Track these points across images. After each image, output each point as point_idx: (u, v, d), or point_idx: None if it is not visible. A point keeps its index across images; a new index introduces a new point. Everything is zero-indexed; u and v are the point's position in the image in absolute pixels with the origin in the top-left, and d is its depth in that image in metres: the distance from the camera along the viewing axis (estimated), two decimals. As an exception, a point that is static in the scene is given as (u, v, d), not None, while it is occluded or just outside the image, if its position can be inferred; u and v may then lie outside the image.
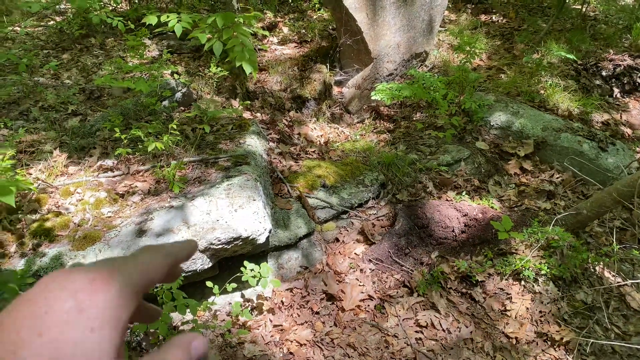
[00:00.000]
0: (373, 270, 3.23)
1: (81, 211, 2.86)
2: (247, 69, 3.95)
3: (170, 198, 2.92)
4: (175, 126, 3.40)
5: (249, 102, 4.73)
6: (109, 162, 3.31)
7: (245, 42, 4.04)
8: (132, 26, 4.54)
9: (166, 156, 3.37)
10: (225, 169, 3.24)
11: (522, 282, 3.11)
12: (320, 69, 5.48)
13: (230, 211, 2.73)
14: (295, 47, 6.20)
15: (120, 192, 3.03)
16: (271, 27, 6.63)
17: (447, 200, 3.75)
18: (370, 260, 3.28)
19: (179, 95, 4.35)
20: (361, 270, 3.22)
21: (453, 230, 3.43)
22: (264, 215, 2.82)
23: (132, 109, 3.97)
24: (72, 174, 3.24)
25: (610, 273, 3.22)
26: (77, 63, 5.21)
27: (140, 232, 2.60)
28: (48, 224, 2.66)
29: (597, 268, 3.21)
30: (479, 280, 3.12)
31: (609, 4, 7.18)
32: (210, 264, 2.71)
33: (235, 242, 2.67)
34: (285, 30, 6.59)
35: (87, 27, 5.74)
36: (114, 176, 3.23)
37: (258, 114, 4.88)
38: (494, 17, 7.31)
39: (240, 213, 2.73)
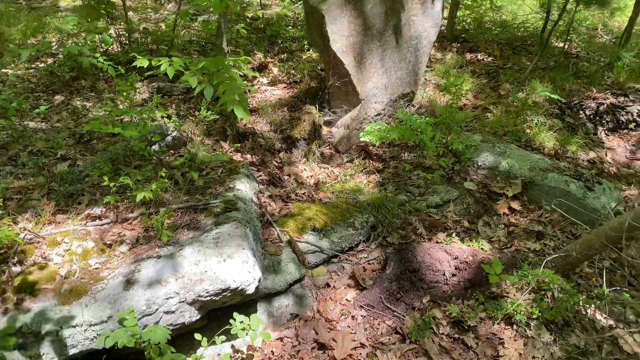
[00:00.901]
0: (364, 316, 3.20)
1: (68, 262, 2.82)
2: (239, 113, 3.99)
3: (159, 247, 2.90)
4: (164, 174, 3.40)
5: (239, 144, 4.76)
6: (97, 210, 3.29)
7: (236, 86, 4.10)
8: (123, 70, 4.60)
9: (155, 203, 3.36)
10: (214, 215, 3.23)
11: (514, 327, 3.09)
12: (309, 109, 5.55)
13: (219, 261, 2.71)
14: (285, 87, 6.29)
15: (108, 242, 3.00)
16: (261, 68, 6.73)
17: (437, 242, 3.76)
18: (361, 307, 3.25)
19: (169, 138, 4.37)
20: (353, 317, 3.19)
21: (444, 274, 3.42)
22: (254, 264, 2.80)
23: (122, 154, 3.97)
24: (59, 223, 3.21)
25: (602, 315, 3.21)
26: (68, 106, 5.24)
27: (128, 285, 2.57)
28: (33, 277, 2.62)
29: (588, 311, 3.20)
30: (471, 325, 3.10)
31: (589, 42, 7.39)
32: (199, 316, 2.68)
33: (224, 294, 2.64)
34: (275, 70, 6.69)
35: (78, 69, 5.80)
36: (102, 224, 3.20)
37: (248, 155, 4.90)
38: (479, 56, 7.48)
39: (229, 263, 2.71)
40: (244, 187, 3.70)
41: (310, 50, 7.13)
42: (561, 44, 7.44)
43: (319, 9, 4.62)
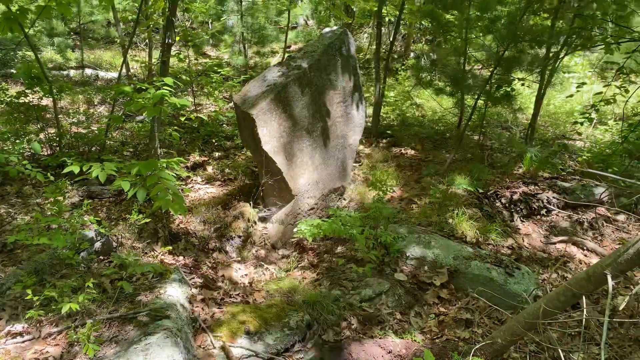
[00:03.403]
0: (302, 422, 3.13)
1: (-19, 387, 2.63)
2: (175, 211, 4.03)
3: (84, 364, 2.77)
4: (91, 283, 3.33)
5: (170, 247, 4.73)
6: (18, 327, 3.13)
7: (170, 187, 4.17)
8: (52, 177, 4.56)
9: (82, 314, 3.25)
10: (144, 324, 3.16)
11: (450, 420, 3.13)
12: (244, 206, 5.66)
13: (148, 375, 2.63)
14: (219, 185, 6.41)
15: (28, 361, 2.84)
16: (196, 167, 6.86)
17: (372, 337, 3.81)
18: (298, 411, 3.19)
19: (98, 244, 4.29)
20: (289, 423, 3.12)
21: (379, 369, 3.45)
22: (185, 376, 2.74)
23: (48, 263, 3.84)
24: (-26, 343, 3.02)
25: (531, 401, 3.32)
26: (-10, 213, 5.05)
27: (48, 409, 2.42)
28: (-60, 409, 2.42)
29: (518, 398, 3.31)
30: (408, 422, 3.11)
31: (499, 136, 8.14)
32: None
33: (153, 411, 2.54)
34: (210, 169, 6.83)
35: (3, 175, 5.66)
36: (23, 341, 3.04)
37: (181, 257, 4.86)
38: (402, 150, 8.01)
39: (159, 376, 2.63)
40: (175, 293, 3.66)
41: (244, 147, 7.37)
42: (476, 137, 8.15)
43: (250, 113, 4.89)
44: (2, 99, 6.16)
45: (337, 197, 6.24)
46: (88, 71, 11.53)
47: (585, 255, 5.24)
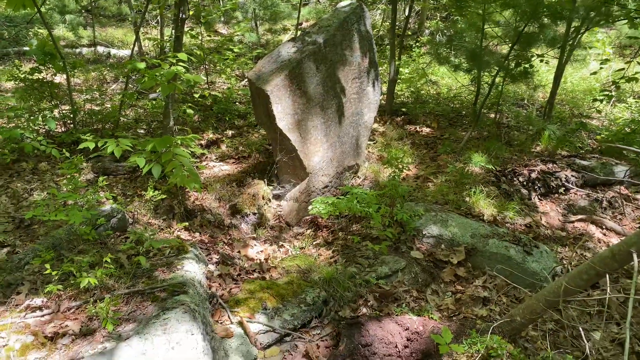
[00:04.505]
0: (319, 397, 3.14)
1: (5, 359, 2.65)
2: (191, 188, 4.02)
3: (103, 337, 2.78)
4: (109, 258, 3.33)
5: (186, 223, 4.73)
6: (37, 301, 3.15)
7: (185, 163, 4.15)
8: (67, 153, 4.55)
9: (100, 289, 3.26)
10: (162, 299, 3.16)
11: (468, 397, 3.12)
12: (258, 184, 5.63)
13: (167, 349, 2.63)
14: (233, 163, 6.38)
15: (50, 334, 2.85)
16: (210, 145, 6.83)
17: (388, 314, 3.80)
18: (315, 386, 3.20)
19: (114, 221, 4.30)
20: (307, 398, 3.13)
21: (396, 346, 3.43)
22: (203, 350, 2.74)
23: (65, 238, 3.86)
24: (-5, 316, 3.05)
25: (549, 379, 3.30)
26: (7, 190, 5.08)
27: (69, 381, 2.44)
28: (-36, 380, 2.45)
29: (536, 375, 3.29)
30: (426, 398, 3.10)
31: (518, 114, 7.99)
32: (146, 410, 2.55)
33: (173, 384, 2.55)
34: (224, 147, 6.80)
35: (19, 152, 5.68)
36: (42, 315, 3.05)
37: (197, 234, 4.86)
38: (418, 128, 7.91)
39: (177, 350, 2.64)
40: (193, 268, 3.66)
41: (258, 125, 7.32)
42: (493, 115, 8.01)
43: (265, 89, 4.83)
44: (16, 76, 6.14)
45: (351, 175, 6.19)
46: (100, 49, 11.49)
47: (604, 234, 5.17)
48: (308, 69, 5.15)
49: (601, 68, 7.12)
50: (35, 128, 5.80)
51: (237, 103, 8.42)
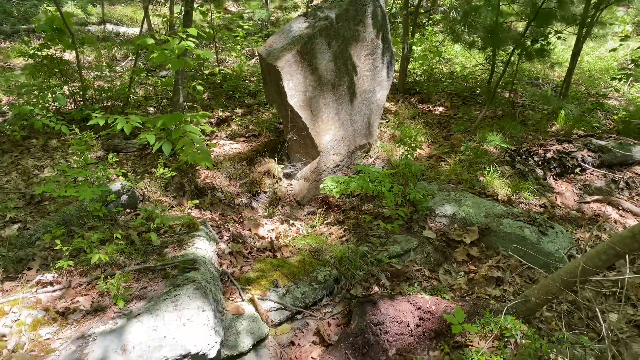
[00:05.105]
0: (331, 374, 3.12)
1: (16, 334, 2.65)
2: (202, 164, 3.98)
3: (114, 313, 2.77)
4: (119, 235, 3.31)
5: (197, 200, 4.70)
6: (48, 277, 3.14)
7: (195, 139, 4.10)
8: (77, 130, 4.52)
9: (111, 265, 3.25)
10: (173, 276, 3.14)
11: (481, 376, 3.08)
12: (269, 162, 5.58)
13: (178, 325, 2.61)
14: (244, 141, 6.32)
15: (61, 310, 2.85)
16: (219, 123, 6.77)
17: (400, 293, 3.76)
18: (327, 364, 3.18)
19: (124, 197, 4.28)
20: (318, 375, 3.11)
21: (408, 325, 3.40)
22: (215, 326, 2.72)
23: (75, 215, 3.85)
24: (7, 291, 3.04)
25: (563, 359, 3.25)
26: (18, 166, 5.07)
27: (82, 355, 2.43)
28: (-24, 353, 2.45)
29: (550, 356, 3.24)
30: (438, 377, 3.07)
31: (534, 93, 7.82)
32: (158, 385, 2.55)
33: (184, 360, 2.54)
34: (234, 125, 6.73)
35: (29, 128, 5.66)
36: (53, 291, 3.05)
37: (207, 212, 4.83)
38: (430, 106, 7.78)
39: (189, 326, 2.62)
40: (204, 245, 3.63)
41: (268, 104, 7.24)
42: (507, 94, 7.85)
43: (276, 66, 4.74)
44: (25, 52, 6.09)
45: (362, 155, 6.11)
46: (109, 26, 11.39)
47: (621, 215, 5.07)
48: (320, 44, 5.05)
49: (620, 45, 6.91)
50: (45, 105, 5.77)
51: (247, 81, 8.33)
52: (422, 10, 12.26)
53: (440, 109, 7.71)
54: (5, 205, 4.19)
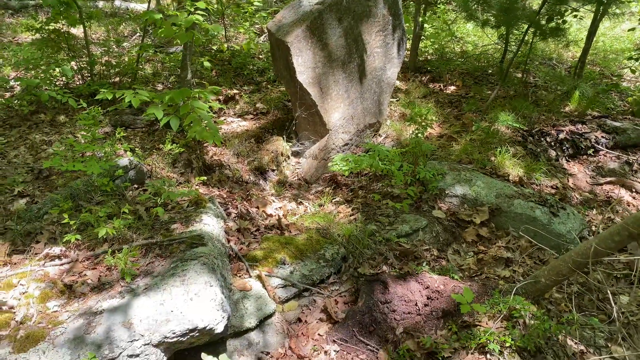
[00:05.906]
0: (338, 351, 3.11)
1: (25, 306, 2.66)
2: (210, 141, 3.93)
3: (122, 287, 2.77)
4: (127, 209, 3.29)
5: (205, 177, 4.67)
6: (56, 250, 3.14)
7: (203, 116, 4.05)
8: (85, 104, 4.48)
9: (118, 240, 3.24)
10: (180, 251, 3.13)
11: (488, 356, 3.06)
12: (277, 140, 5.53)
13: (185, 300, 2.60)
14: (252, 119, 6.27)
15: (68, 283, 2.85)
16: (227, 100, 6.71)
17: (408, 272, 3.73)
18: (334, 341, 3.17)
19: (132, 173, 4.26)
20: (325, 352, 3.10)
21: (416, 304, 3.38)
22: (222, 302, 2.71)
23: (83, 189, 3.83)
24: (15, 264, 3.05)
25: (572, 341, 3.22)
26: (26, 141, 5.06)
27: (90, 328, 2.43)
28: (-15, 324, 2.46)
29: (559, 337, 3.21)
30: (445, 356, 3.05)
31: (548, 72, 7.67)
32: (165, 359, 2.55)
33: (191, 334, 2.53)
34: (242, 102, 6.67)
35: (37, 103, 5.63)
36: (61, 264, 3.05)
37: (215, 189, 4.81)
38: (442, 86, 7.66)
39: (196, 301, 2.61)
40: (211, 222, 3.61)
41: (277, 81, 7.16)
42: (520, 74, 7.71)
43: (285, 41, 4.66)
44: (32, 26, 6.03)
45: (372, 133, 6.04)
46: (117, 2, 11.28)
47: (634, 198, 4.99)
48: (330, 20, 4.95)
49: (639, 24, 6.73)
50: (52, 79, 5.73)
51: (255, 58, 8.22)
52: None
53: (452, 88, 7.59)
54: (14, 179, 4.19)
